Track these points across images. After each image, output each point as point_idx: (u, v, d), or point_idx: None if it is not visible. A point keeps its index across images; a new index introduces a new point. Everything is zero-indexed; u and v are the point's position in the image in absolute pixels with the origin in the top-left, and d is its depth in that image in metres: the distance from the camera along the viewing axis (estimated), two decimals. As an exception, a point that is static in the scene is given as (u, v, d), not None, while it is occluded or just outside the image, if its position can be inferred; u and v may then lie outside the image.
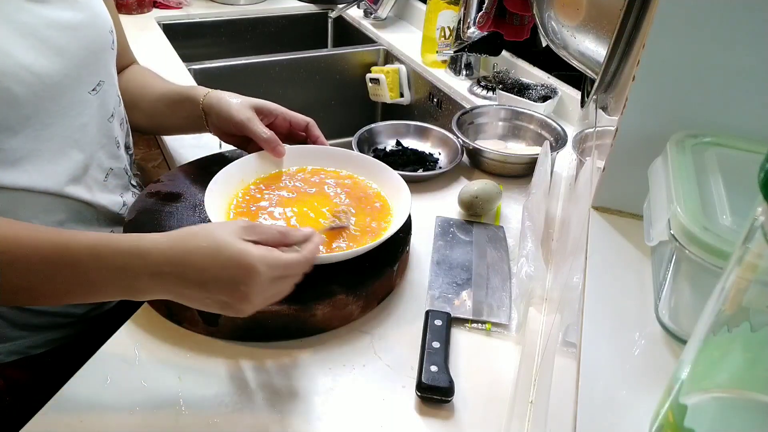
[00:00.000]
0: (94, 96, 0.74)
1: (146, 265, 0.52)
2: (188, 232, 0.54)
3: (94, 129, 0.75)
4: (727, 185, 0.43)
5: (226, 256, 0.52)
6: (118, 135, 0.80)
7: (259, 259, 0.52)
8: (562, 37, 0.71)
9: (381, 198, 0.79)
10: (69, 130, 0.71)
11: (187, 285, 0.53)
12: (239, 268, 0.52)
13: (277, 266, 0.54)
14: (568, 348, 0.50)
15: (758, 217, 0.26)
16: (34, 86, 0.65)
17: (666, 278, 0.43)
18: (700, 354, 0.32)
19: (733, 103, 0.50)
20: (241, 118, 0.78)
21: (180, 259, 0.52)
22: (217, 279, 0.52)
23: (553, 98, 1.16)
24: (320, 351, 0.65)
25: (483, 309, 0.70)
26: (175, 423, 0.56)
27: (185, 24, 1.63)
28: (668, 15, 0.48)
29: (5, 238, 0.52)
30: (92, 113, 0.74)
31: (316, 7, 1.79)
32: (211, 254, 0.52)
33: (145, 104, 0.87)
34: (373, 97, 1.51)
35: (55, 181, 0.70)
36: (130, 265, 0.52)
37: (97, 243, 0.53)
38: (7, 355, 0.73)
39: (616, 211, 0.58)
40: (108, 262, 0.52)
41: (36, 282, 0.53)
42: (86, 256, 0.52)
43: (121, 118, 0.82)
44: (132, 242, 0.53)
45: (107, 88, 0.77)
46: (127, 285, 0.53)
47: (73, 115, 0.71)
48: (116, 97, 0.81)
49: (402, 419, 0.58)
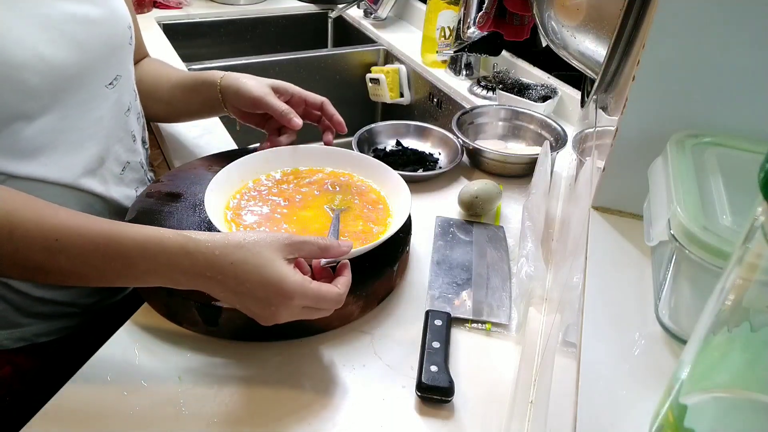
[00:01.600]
0: (110, 90, 0.76)
1: (191, 265, 0.55)
2: (236, 242, 0.56)
3: (111, 122, 0.76)
4: (727, 185, 0.43)
5: (266, 276, 0.55)
6: (134, 129, 0.82)
7: (296, 288, 0.55)
8: (562, 37, 0.71)
9: (381, 198, 0.79)
10: (86, 123, 0.72)
11: (224, 289, 0.56)
12: (276, 291, 0.55)
13: (311, 297, 0.56)
14: (568, 348, 0.50)
15: (758, 217, 0.26)
16: (52, 78, 0.66)
17: (666, 278, 0.43)
18: (700, 354, 0.32)
19: (733, 103, 0.50)
20: (259, 93, 0.81)
21: (223, 268, 0.55)
22: (253, 293, 0.55)
23: (553, 98, 1.16)
24: (320, 351, 0.65)
25: (483, 309, 0.70)
26: (175, 423, 0.56)
27: (185, 24, 1.63)
28: (668, 15, 0.48)
29: (57, 225, 0.55)
30: (109, 107, 0.76)
31: (316, 7, 1.79)
32: (253, 270, 0.55)
33: (162, 92, 0.90)
34: (373, 97, 1.51)
35: (70, 173, 0.71)
36: (174, 263, 0.55)
37: (146, 240, 0.55)
38: (14, 342, 0.74)
39: (616, 211, 0.58)
40: (155, 258, 0.55)
41: (86, 270, 0.56)
42: (134, 250, 0.55)
43: (137, 113, 0.84)
44: (179, 244, 0.55)
45: (124, 83, 0.79)
46: (169, 278, 0.56)
47: (90, 108, 0.73)
48: (133, 91, 0.83)
49: (402, 419, 0.58)
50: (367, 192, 0.80)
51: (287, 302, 0.55)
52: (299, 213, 0.75)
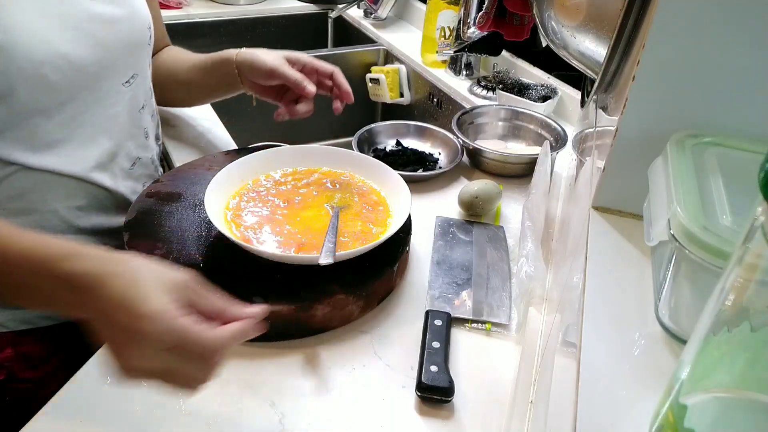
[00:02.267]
0: (127, 88, 0.78)
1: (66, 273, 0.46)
2: (113, 270, 0.46)
3: (125, 119, 0.79)
4: (727, 185, 0.43)
5: (127, 295, 0.44)
6: (147, 126, 0.85)
7: (156, 312, 0.43)
8: (562, 37, 0.71)
9: (382, 199, 0.79)
10: (101, 119, 0.75)
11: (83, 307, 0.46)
12: (128, 312, 0.43)
13: (175, 332, 0.43)
14: (568, 348, 0.50)
15: (758, 217, 0.26)
16: (71, 75, 0.68)
17: (666, 278, 0.43)
18: (700, 354, 0.32)
19: (733, 103, 0.50)
20: (274, 64, 0.83)
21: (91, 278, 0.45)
22: (105, 313, 0.44)
23: (553, 98, 1.16)
24: (320, 351, 0.65)
25: (483, 309, 0.70)
26: (175, 423, 0.56)
27: (185, 24, 1.63)
28: (668, 15, 0.48)
29: None
30: (124, 103, 0.78)
31: (316, 7, 1.79)
32: (118, 289, 0.44)
33: (181, 75, 0.93)
34: (373, 97, 1.51)
35: (82, 166, 0.74)
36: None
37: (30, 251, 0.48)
38: (17, 324, 0.75)
39: (616, 211, 0.58)
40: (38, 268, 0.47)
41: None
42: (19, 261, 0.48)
43: (152, 110, 0.87)
44: (61, 254, 0.47)
45: (140, 81, 0.81)
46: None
47: (107, 104, 0.75)
48: (148, 90, 0.85)
49: (402, 419, 0.58)
50: (368, 193, 0.80)
51: (139, 332, 0.43)
52: (301, 213, 0.75)
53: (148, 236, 0.71)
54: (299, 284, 0.66)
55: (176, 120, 1.07)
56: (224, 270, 0.68)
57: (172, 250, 0.69)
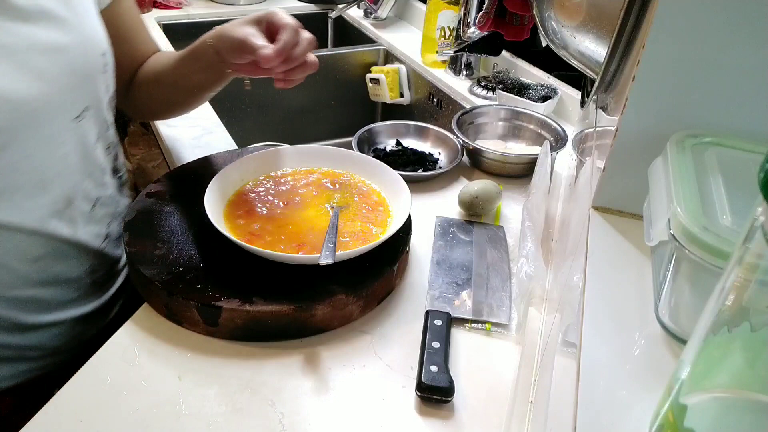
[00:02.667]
0: (77, 124, 0.69)
1: None
2: None
3: (78, 158, 0.70)
4: (727, 185, 0.43)
5: None
6: (102, 161, 0.76)
7: None
8: (562, 37, 0.71)
9: (382, 199, 0.79)
10: (50, 161, 0.66)
11: None
12: None
13: None
14: (568, 348, 0.50)
15: (758, 217, 0.26)
16: (10, 114, 0.60)
17: (666, 278, 0.43)
18: (700, 354, 0.32)
19: (733, 103, 0.50)
20: (242, 35, 0.73)
21: None
22: None
23: (553, 98, 1.16)
24: (320, 351, 0.65)
25: (483, 309, 0.70)
26: (175, 423, 0.56)
27: (185, 24, 1.63)
28: (668, 15, 0.48)
29: None
30: (75, 142, 0.69)
31: (316, 7, 1.79)
32: None
33: (167, 75, 0.85)
34: (373, 97, 1.51)
35: (35, 216, 0.66)
36: None
37: None
38: None
39: (616, 211, 0.58)
40: None
41: None
42: None
43: (107, 143, 0.77)
44: None
45: (93, 114, 0.72)
46: None
47: (55, 144, 0.66)
48: (104, 122, 0.76)
49: (402, 419, 0.58)
50: (368, 193, 0.80)
51: None
52: (301, 213, 0.75)
53: (148, 236, 0.71)
54: (299, 284, 0.66)
55: (176, 120, 1.07)
56: (224, 270, 0.68)
57: (172, 250, 0.69)
